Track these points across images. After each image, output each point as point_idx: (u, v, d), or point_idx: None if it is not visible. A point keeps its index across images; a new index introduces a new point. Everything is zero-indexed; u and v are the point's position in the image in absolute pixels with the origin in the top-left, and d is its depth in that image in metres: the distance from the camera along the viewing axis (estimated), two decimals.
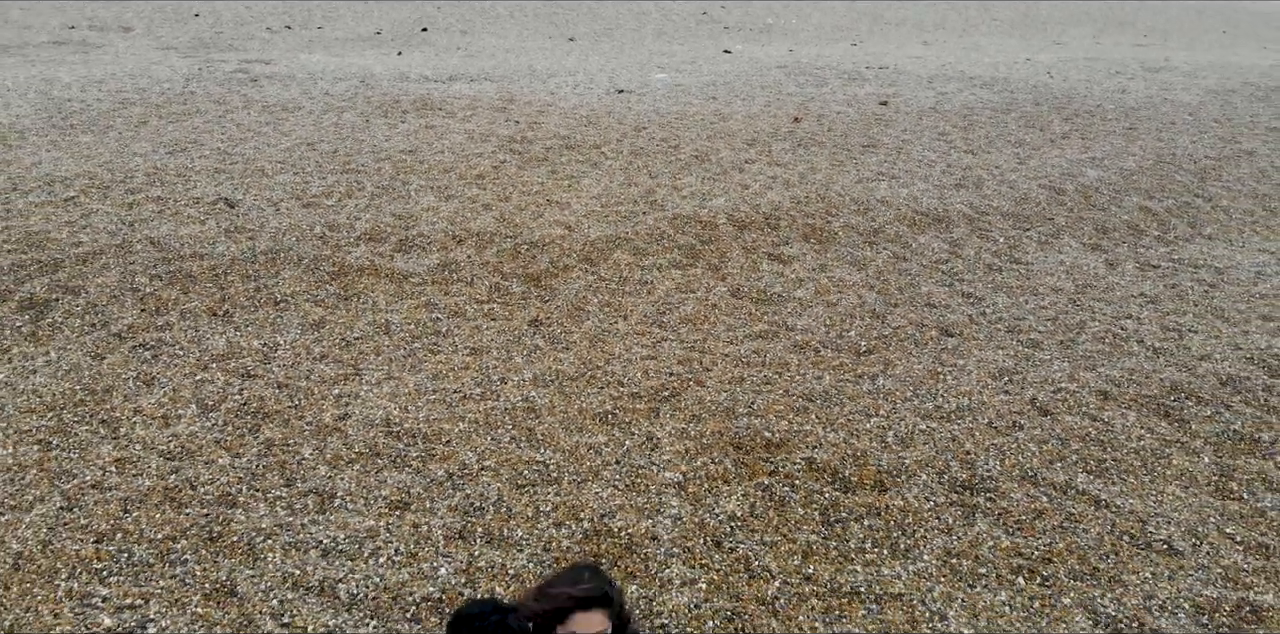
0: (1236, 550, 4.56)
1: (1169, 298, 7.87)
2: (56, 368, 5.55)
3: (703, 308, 7.12)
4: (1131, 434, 5.49)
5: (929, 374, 6.10)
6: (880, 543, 4.35)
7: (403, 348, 6.14)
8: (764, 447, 5.11)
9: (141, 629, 3.54)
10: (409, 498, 4.47)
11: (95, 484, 4.45)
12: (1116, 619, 3.99)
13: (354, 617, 3.67)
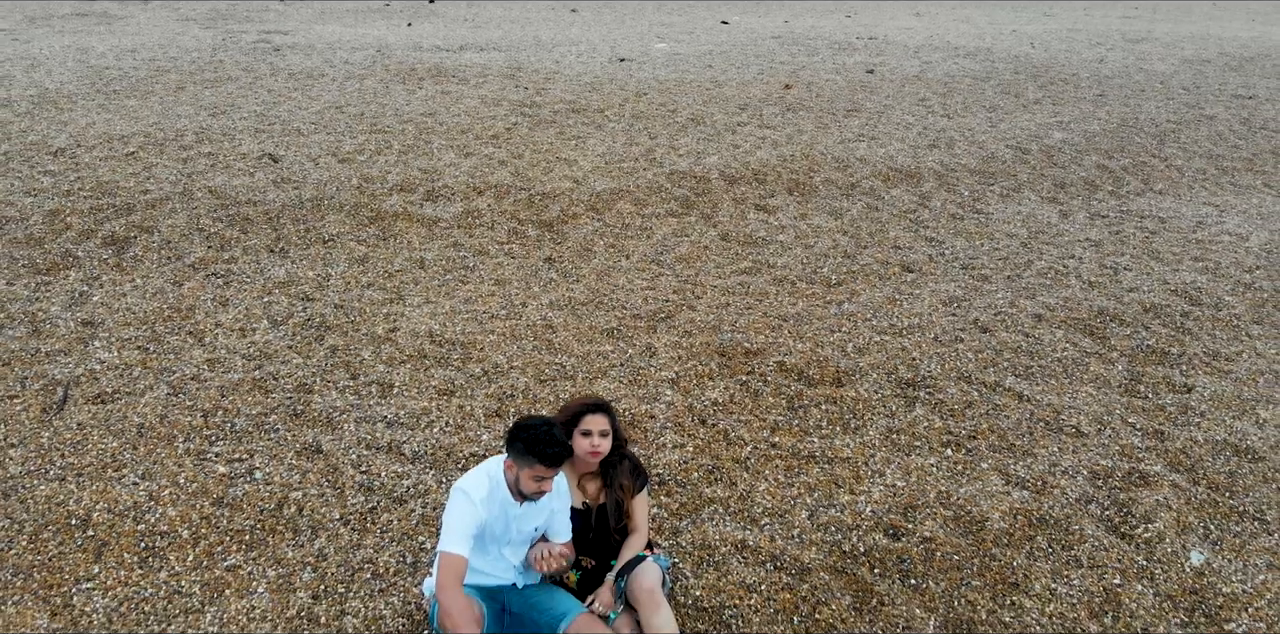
0: (1134, 435, 5.53)
1: (1111, 242, 8.80)
2: (143, 291, 6.49)
3: (695, 249, 8.05)
4: (1057, 347, 6.45)
5: (888, 301, 7.06)
6: (834, 422, 5.33)
7: (437, 279, 7.08)
8: (743, 354, 6.07)
9: (249, 474, 4.52)
10: (453, 387, 5.44)
11: (193, 377, 5.41)
12: (1025, 479, 4.97)
13: (417, 467, 4.64)
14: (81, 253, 6.96)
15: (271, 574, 3.85)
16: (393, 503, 4.35)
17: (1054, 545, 4.46)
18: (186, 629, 3.56)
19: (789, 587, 4.02)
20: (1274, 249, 8.92)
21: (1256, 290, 7.75)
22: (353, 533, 4.13)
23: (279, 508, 4.25)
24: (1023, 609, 4.08)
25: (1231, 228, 9.53)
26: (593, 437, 3.58)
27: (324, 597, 3.74)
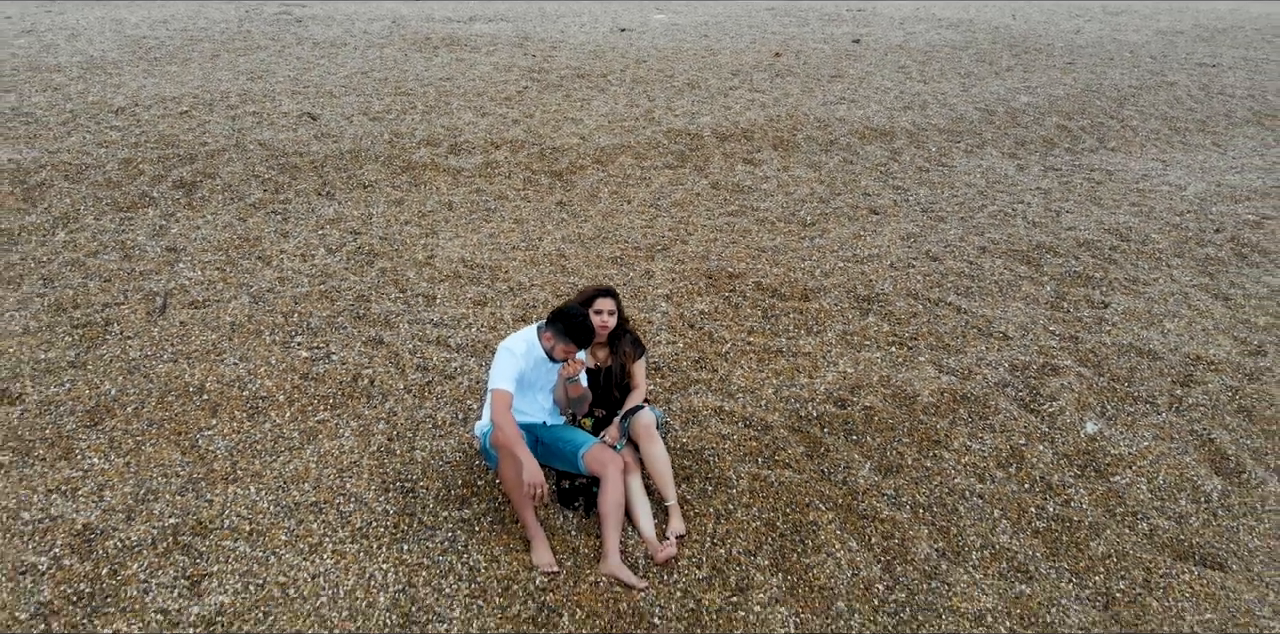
0: (1052, 339, 6.58)
1: (1059, 190, 9.81)
2: (214, 225, 7.52)
3: (688, 195, 9.06)
4: (996, 272, 7.50)
5: (853, 236, 8.09)
6: (799, 326, 6.38)
7: (464, 218, 8.10)
8: (727, 276, 7.11)
9: (327, 357, 5.57)
10: (485, 299, 6.48)
11: (269, 290, 6.45)
12: (954, 369, 6.03)
13: (460, 355, 5.70)
14: (156, 194, 7.97)
15: (354, 425, 4.91)
16: (444, 378, 5.42)
17: (973, 416, 5.53)
18: (293, 460, 4.63)
19: (755, 438, 5.09)
20: (1208, 197, 9.93)
21: (1182, 229, 8.77)
22: (414, 398, 5.20)
23: (354, 381, 5.31)
24: (942, 459, 5.16)
25: (1172, 180, 10.53)
26: (602, 315, 4.62)
27: (397, 439, 4.81)
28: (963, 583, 4.40)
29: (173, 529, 4.06)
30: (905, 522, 4.69)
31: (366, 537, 4.15)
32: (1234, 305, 7.32)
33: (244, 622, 3.69)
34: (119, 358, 5.37)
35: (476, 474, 4.62)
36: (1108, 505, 5.06)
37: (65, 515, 4.11)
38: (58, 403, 4.92)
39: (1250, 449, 5.65)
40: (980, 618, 4.25)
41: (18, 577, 3.79)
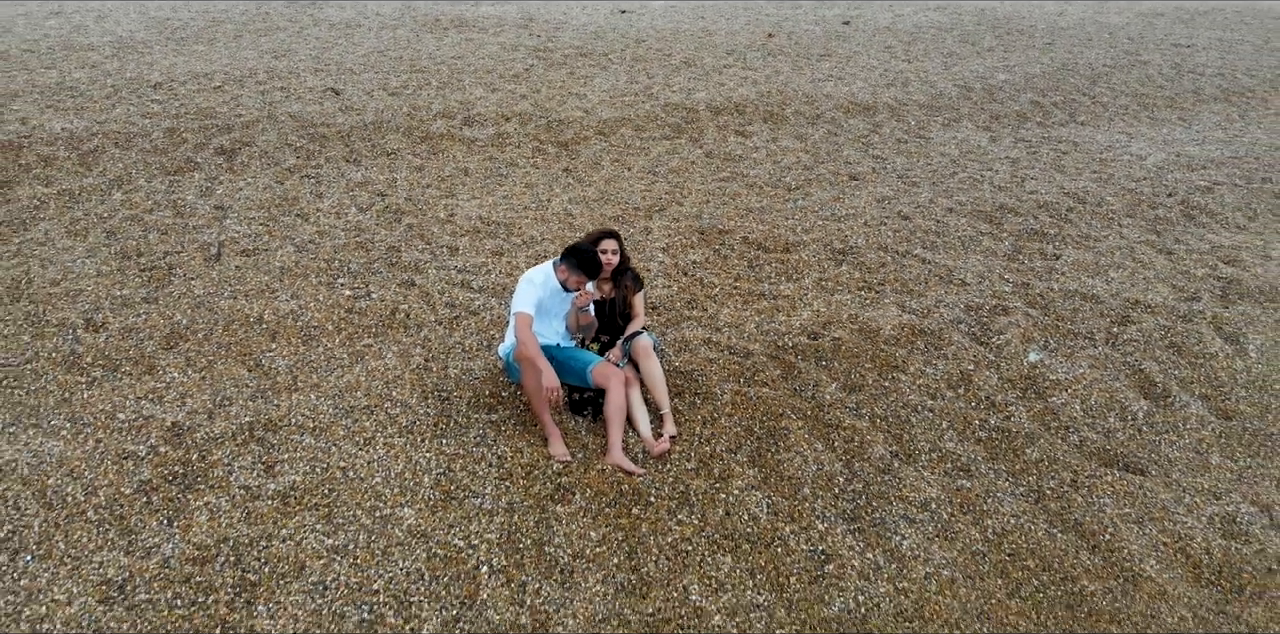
0: (1006, 285, 7.33)
1: (1026, 159, 10.54)
2: (255, 187, 8.26)
3: (684, 163, 9.79)
4: (960, 229, 8.24)
5: (833, 199, 8.83)
6: (780, 274, 7.14)
7: (480, 182, 8.84)
8: (717, 232, 7.86)
9: (368, 295, 6.33)
10: (501, 251, 7.23)
11: (310, 242, 7.20)
12: (915, 309, 6.79)
13: (483, 295, 6.45)
14: (200, 159, 8.70)
15: (395, 349, 5.69)
16: (469, 314, 6.18)
17: (928, 346, 6.30)
18: (345, 375, 5.40)
19: (738, 363, 5.87)
20: (1166, 166, 10.66)
21: (1136, 194, 9.52)
22: (445, 329, 5.97)
23: (392, 315, 6.08)
24: (899, 381, 5.93)
25: (1135, 150, 11.26)
26: (607, 254, 5.38)
27: (432, 360, 5.59)
28: (911, 478, 5.19)
29: (248, 426, 4.84)
30: (864, 429, 5.47)
31: (411, 433, 4.93)
32: (1176, 259, 8.08)
33: (312, 496, 4.47)
34: (186, 295, 6.13)
35: (501, 387, 5.40)
36: (1044, 421, 5.84)
37: (155, 416, 4.89)
38: (137, 330, 5.68)
39: (1177, 378, 6.43)
40: (925, 505, 5.04)
41: (121, 461, 4.57)
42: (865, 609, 4.46)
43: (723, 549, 4.63)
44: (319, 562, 4.17)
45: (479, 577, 4.27)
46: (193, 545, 4.15)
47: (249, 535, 4.23)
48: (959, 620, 4.51)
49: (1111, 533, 5.13)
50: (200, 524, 4.26)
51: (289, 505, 4.40)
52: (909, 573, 4.67)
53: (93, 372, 5.25)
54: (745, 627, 4.29)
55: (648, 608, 4.30)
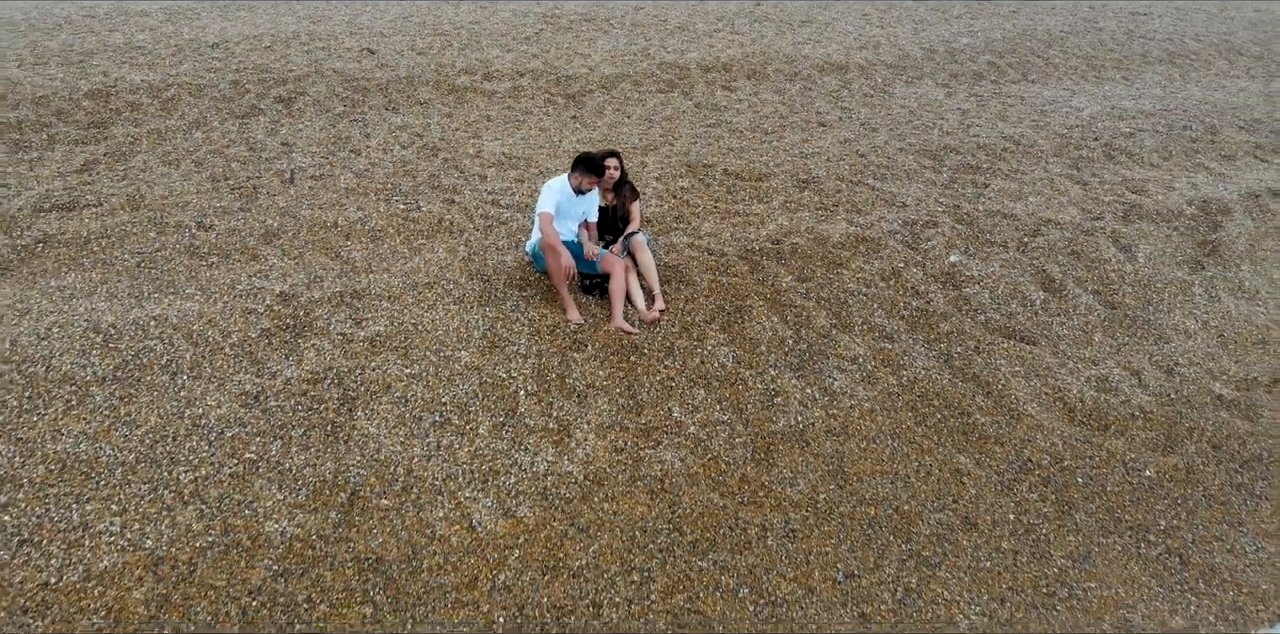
0: (939, 206, 8.71)
1: (975, 110, 11.87)
2: (313, 128, 9.60)
3: (676, 113, 11.13)
4: (907, 164, 9.61)
5: (802, 140, 10.19)
6: (752, 198, 8.52)
7: (500, 127, 10.19)
8: (702, 166, 9.23)
9: (418, 208, 7.73)
10: (523, 179, 8.61)
11: (365, 171, 8.56)
12: (860, 223, 8.17)
13: (510, 210, 7.84)
14: (263, 106, 10.05)
15: (444, 246, 7.09)
16: (499, 223, 7.58)
17: (868, 250, 7.71)
18: (408, 262, 6.81)
19: (714, 260, 7.28)
20: (1099, 116, 11.99)
21: (1066, 137, 10.86)
22: (482, 234, 7.37)
23: (439, 223, 7.48)
24: (841, 275, 7.34)
25: (1075, 104, 12.57)
26: (609, 168, 6.77)
27: (474, 255, 6.98)
28: (845, 341, 6.63)
29: (339, 294, 6.27)
30: (810, 308, 6.90)
31: (462, 302, 6.36)
32: (1089, 189, 9.46)
33: (392, 341, 5.91)
34: (272, 206, 7.53)
35: (528, 274, 6.82)
36: (957, 304, 7.27)
37: (266, 287, 6.31)
38: (239, 230, 7.09)
39: (1074, 277, 7.84)
40: (854, 359, 6.48)
41: (245, 315, 5.99)
42: (802, 426, 5.92)
43: (697, 385, 6.08)
44: (400, 383, 5.62)
45: (518, 397, 5.72)
46: (306, 371, 5.60)
47: (347, 366, 5.68)
48: (874, 437, 5.97)
49: (1003, 384, 6.58)
50: (310, 358, 5.71)
51: (375, 347, 5.84)
52: (838, 404, 6.12)
53: (210, 258, 6.66)
54: (712, 434, 5.76)
55: (641, 420, 5.76)
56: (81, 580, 4.36)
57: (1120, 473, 6.10)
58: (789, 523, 5.35)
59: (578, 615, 4.68)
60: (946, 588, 5.15)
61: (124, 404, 5.19)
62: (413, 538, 4.83)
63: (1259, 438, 6.59)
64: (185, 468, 4.91)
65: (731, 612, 4.83)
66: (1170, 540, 5.74)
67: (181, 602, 4.36)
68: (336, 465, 5.08)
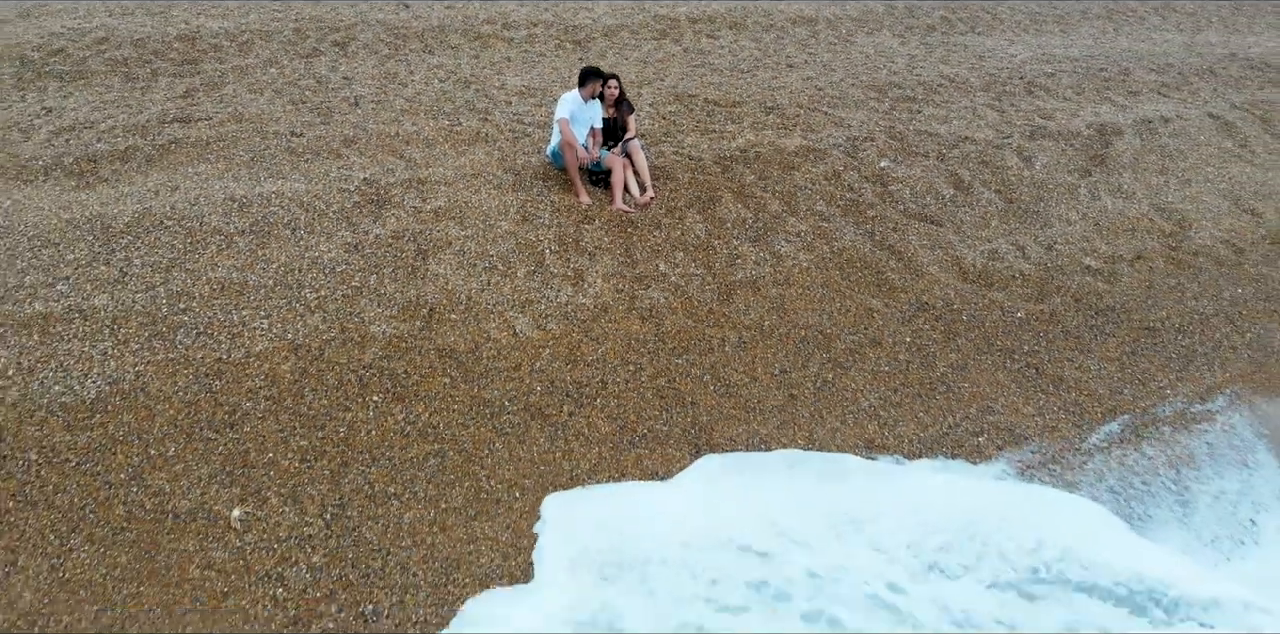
0: (878, 128, 10.43)
1: (923, 56, 13.54)
2: (365, 66, 11.31)
3: (666, 56, 12.81)
4: (856, 96, 11.33)
5: (771, 78, 11.90)
6: (727, 119, 10.26)
7: (519, 66, 11.89)
8: (688, 95, 10.95)
9: (459, 123, 9.48)
10: (541, 104, 10.32)
11: (413, 97, 10.27)
12: (812, 138, 9.93)
13: (533, 126, 9.59)
14: (322, 49, 11.75)
15: (483, 150, 8.85)
16: (524, 136, 9.33)
17: (816, 158, 9.48)
18: (456, 160, 8.59)
19: (693, 163, 9.05)
20: (1029, 61, 13.64)
21: (994, 77, 12.55)
22: (510, 143, 9.12)
23: (477, 134, 9.23)
24: (793, 176, 9.11)
25: (1012, 52, 14.22)
26: (610, 87, 8.51)
27: (507, 157, 8.75)
28: (792, 221, 8.43)
29: (407, 181, 8.05)
30: (767, 198, 8.70)
31: (500, 188, 8.15)
32: (1005, 115, 11.19)
33: (450, 213, 7.70)
34: (345, 122, 9.28)
35: (549, 171, 8.60)
36: (882, 197, 9.05)
37: (352, 175, 8.09)
38: (323, 137, 8.84)
39: (980, 179, 9.61)
40: (799, 234, 8.29)
41: (340, 193, 7.77)
42: (755, 278, 7.75)
43: (678, 249, 7.90)
44: (458, 241, 7.44)
45: (544, 253, 7.54)
46: (389, 231, 7.41)
47: (418, 228, 7.49)
48: (809, 286, 7.79)
49: (912, 253, 8.38)
50: (390, 222, 7.52)
51: (438, 216, 7.65)
52: (783, 263, 7.94)
53: (305, 156, 8.44)
54: (688, 282, 7.58)
55: (635, 271, 7.58)
56: (244, 357, 6.21)
57: (998, 314, 7.94)
58: (741, 338, 7.20)
59: (590, 388, 6.55)
60: (854, 382, 7.02)
61: (260, 248, 7.02)
62: (474, 338, 6.68)
63: (1115, 295, 8.41)
64: (309, 290, 6.75)
65: (698, 390, 6.70)
66: (1030, 359, 7.59)
67: (315, 372, 6.22)
68: (418, 292, 6.92)
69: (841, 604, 5.03)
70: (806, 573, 5.20)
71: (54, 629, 4.69)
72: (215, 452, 5.60)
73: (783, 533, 5.46)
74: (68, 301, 6.27)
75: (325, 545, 5.26)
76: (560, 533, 5.41)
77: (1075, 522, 5.89)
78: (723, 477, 6.01)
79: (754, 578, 5.16)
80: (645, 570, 5.15)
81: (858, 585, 5.18)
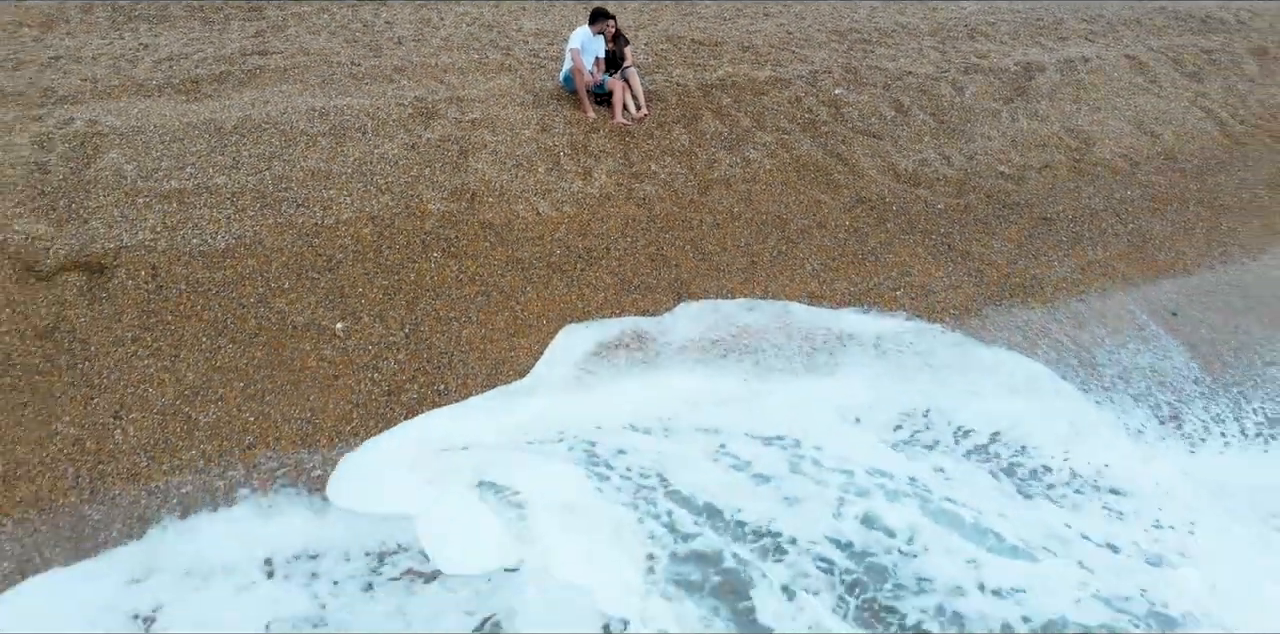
0: (835, 64, 12.04)
1: (883, 9, 15.03)
2: (403, 13, 12.83)
3: (659, 8, 14.28)
4: (820, 39, 12.87)
5: (749, 24, 13.43)
6: (709, 57, 11.82)
7: (533, 13, 13.40)
8: (676, 37, 12.50)
9: (486, 58, 11.09)
10: (553, 43, 11.91)
11: (446, 38, 11.81)
12: (780, 71, 11.54)
13: (548, 60, 11.19)
14: None
15: (506, 77, 10.45)
16: (540, 67, 10.93)
17: (782, 85, 11.09)
18: (484, 84, 10.22)
19: (679, 89, 10.66)
20: (976, 12, 15.13)
21: (942, 24, 14.06)
22: (530, 72, 10.73)
23: (502, 65, 10.83)
24: (762, 100, 10.75)
25: (962, 4, 15.71)
26: (610, 25, 10.10)
27: (527, 82, 10.37)
28: (759, 134, 10.08)
29: (449, 98, 9.67)
30: (740, 116, 10.33)
31: (522, 104, 9.79)
32: (946, 55, 12.77)
33: (485, 122, 9.35)
34: (394, 56, 10.87)
35: (562, 94, 10.22)
36: (833, 117, 10.68)
37: (405, 94, 9.71)
38: (377, 67, 10.45)
39: (918, 105, 11.22)
40: (764, 145, 9.94)
41: (397, 106, 9.39)
42: (728, 177, 9.42)
43: (667, 154, 9.56)
44: (491, 144, 9.09)
45: (560, 155, 9.20)
46: (437, 136, 9.07)
47: (459, 134, 9.15)
48: (770, 184, 9.45)
49: (856, 159, 10.04)
50: (438, 129, 9.17)
51: (475, 126, 9.30)
52: (751, 166, 9.60)
53: (365, 80, 10.05)
54: (673, 179, 9.25)
55: (632, 170, 9.25)
56: (335, 223, 7.91)
57: (921, 206, 9.62)
58: (715, 220, 8.90)
59: (597, 253, 8.25)
60: (802, 253, 8.72)
61: (338, 146, 8.68)
62: (507, 216, 8.37)
63: (1021, 194, 10.09)
64: (379, 177, 8.43)
65: (680, 256, 8.40)
66: (945, 239, 9.28)
67: (389, 236, 7.92)
68: (462, 181, 8.60)
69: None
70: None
71: (214, 396, 6.45)
72: (320, 286, 7.33)
73: (740, 333, 7.23)
74: (196, 181, 7.96)
75: (406, 349, 7.01)
76: (561, 346, 7.18)
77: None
78: (699, 314, 7.75)
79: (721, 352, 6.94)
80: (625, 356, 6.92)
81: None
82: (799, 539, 5.56)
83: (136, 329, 6.71)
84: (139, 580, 5.11)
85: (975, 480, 6.20)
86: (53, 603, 4.90)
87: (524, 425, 6.40)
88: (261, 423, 6.25)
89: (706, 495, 5.83)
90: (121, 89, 9.18)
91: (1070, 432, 6.82)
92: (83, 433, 6.00)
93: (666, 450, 6.19)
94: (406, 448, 6.12)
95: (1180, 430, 7.16)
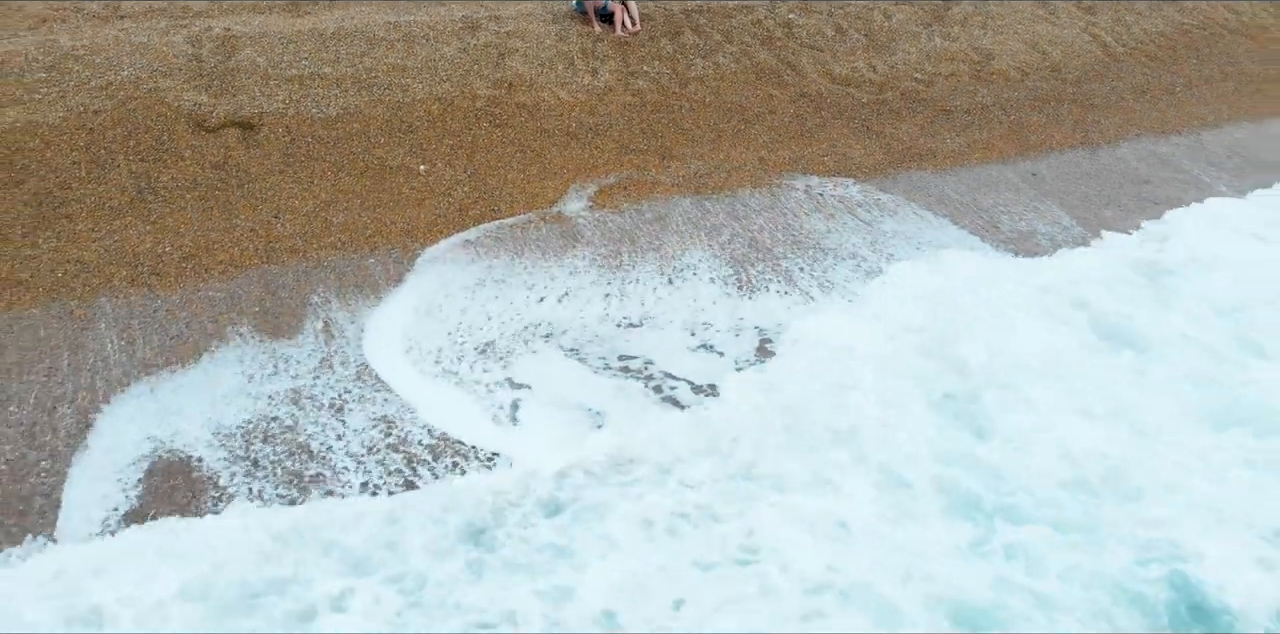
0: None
1: None
2: None
3: None
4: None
5: None
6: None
7: None
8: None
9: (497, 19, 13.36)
10: None
11: None
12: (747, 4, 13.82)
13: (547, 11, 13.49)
14: None
15: (528, 5, 12.78)
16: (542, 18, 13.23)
17: (747, 12, 13.34)
18: (516, 9, 12.51)
19: (665, 12, 12.94)
20: None
21: None
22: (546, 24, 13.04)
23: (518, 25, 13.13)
24: (730, 21, 13.09)
25: None
26: None
27: (549, 8, 12.68)
28: (727, 47, 12.41)
29: (487, 17, 12.00)
30: (713, 33, 12.64)
31: (544, 21, 12.07)
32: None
33: (516, 34, 11.69)
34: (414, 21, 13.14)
35: (573, 15, 12.52)
36: (786, 35, 12.97)
37: (454, 13, 12.03)
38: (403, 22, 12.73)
39: (855, 27, 13.50)
40: (731, 53, 12.31)
41: (449, 22, 11.74)
42: (702, 75, 11.80)
43: (656, 59, 11.91)
44: (522, 49, 11.45)
45: (574, 58, 11.55)
46: (481, 42, 11.41)
47: (498, 42, 11.47)
48: (734, 82, 11.81)
49: (802, 66, 12.39)
50: (482, 37, 11.49)
51: (510, 35, 11.63)
52: (718, 69, 11.93)
53: (424, 4, 12.35)
54: (660, 76, 11.62)
55: (629, 69, 11.61)
56: (412, 101, 10.29)
57: (850, 100, 12.00)
58: (692, 106, 11.29)
59: (602, 127, 10.67)
60: (755, 131, 11.12)
61: (409, 48, 11.02)
62: (536, 100, 10.76)
63: (929, 93, 12.43)
64: (441, 71, 10.78)
65: (665, 131, 10.82)
66: (865, 123, 11.67)
67: (451, 111, 10.31)
68: (502, 75, 10.97)
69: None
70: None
71: (341, 207, 8.93)
72: (405, 142, 9.77)
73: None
74: (310, 70, 10.32)
75: (469, 184, 9.48)
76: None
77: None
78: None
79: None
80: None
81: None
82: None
83: (281, 165, 9.17)
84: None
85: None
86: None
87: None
88: (376, 224, 8.75)
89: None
90: (241, 7, 11.49)
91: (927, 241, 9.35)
92: (255, 225, 8.50)
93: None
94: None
95: (999, 232, 9.69)
